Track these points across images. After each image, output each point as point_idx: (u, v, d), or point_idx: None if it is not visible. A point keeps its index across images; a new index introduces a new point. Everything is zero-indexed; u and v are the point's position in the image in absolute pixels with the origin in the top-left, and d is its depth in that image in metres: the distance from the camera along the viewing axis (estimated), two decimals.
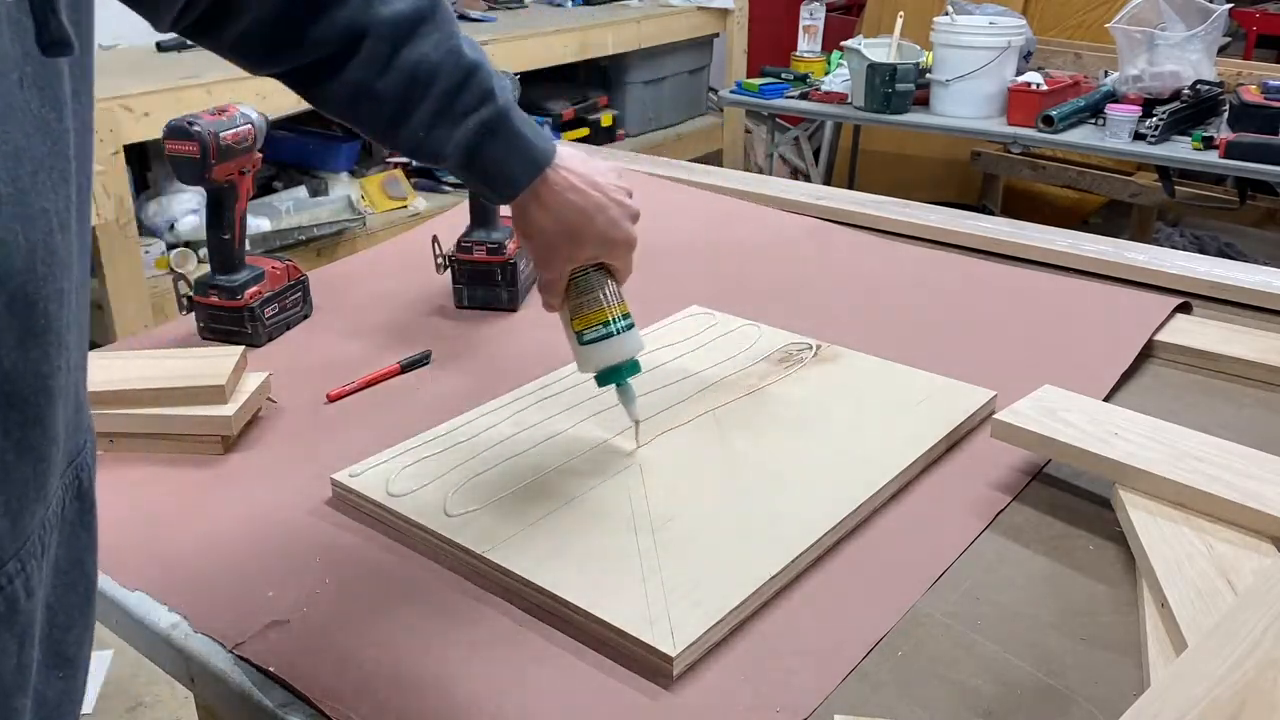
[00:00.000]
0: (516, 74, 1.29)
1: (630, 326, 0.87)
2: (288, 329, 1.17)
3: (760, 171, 3.78)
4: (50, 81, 0.41)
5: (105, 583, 0.77)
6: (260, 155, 1.13)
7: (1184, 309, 1.18)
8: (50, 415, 0.43)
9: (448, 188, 3.16)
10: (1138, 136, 2.58)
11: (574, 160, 0.82)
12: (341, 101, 0.77)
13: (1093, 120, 2.71)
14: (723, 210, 1.53)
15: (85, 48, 0.46)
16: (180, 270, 1.23)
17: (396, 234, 1.48)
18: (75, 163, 0.44)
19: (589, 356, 0.86)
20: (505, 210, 1.23)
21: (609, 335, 0.85)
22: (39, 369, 0.41)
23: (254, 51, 0.76)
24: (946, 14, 2.84)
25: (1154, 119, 2.55)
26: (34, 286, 0.40)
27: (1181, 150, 2.54)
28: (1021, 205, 3.84)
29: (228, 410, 0.92)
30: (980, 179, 3.87)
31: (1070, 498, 0.85)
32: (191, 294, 1.15)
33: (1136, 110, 2.59)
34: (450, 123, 0.76)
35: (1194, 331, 1.11)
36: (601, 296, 0.85)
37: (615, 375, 0.87)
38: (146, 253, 2.48)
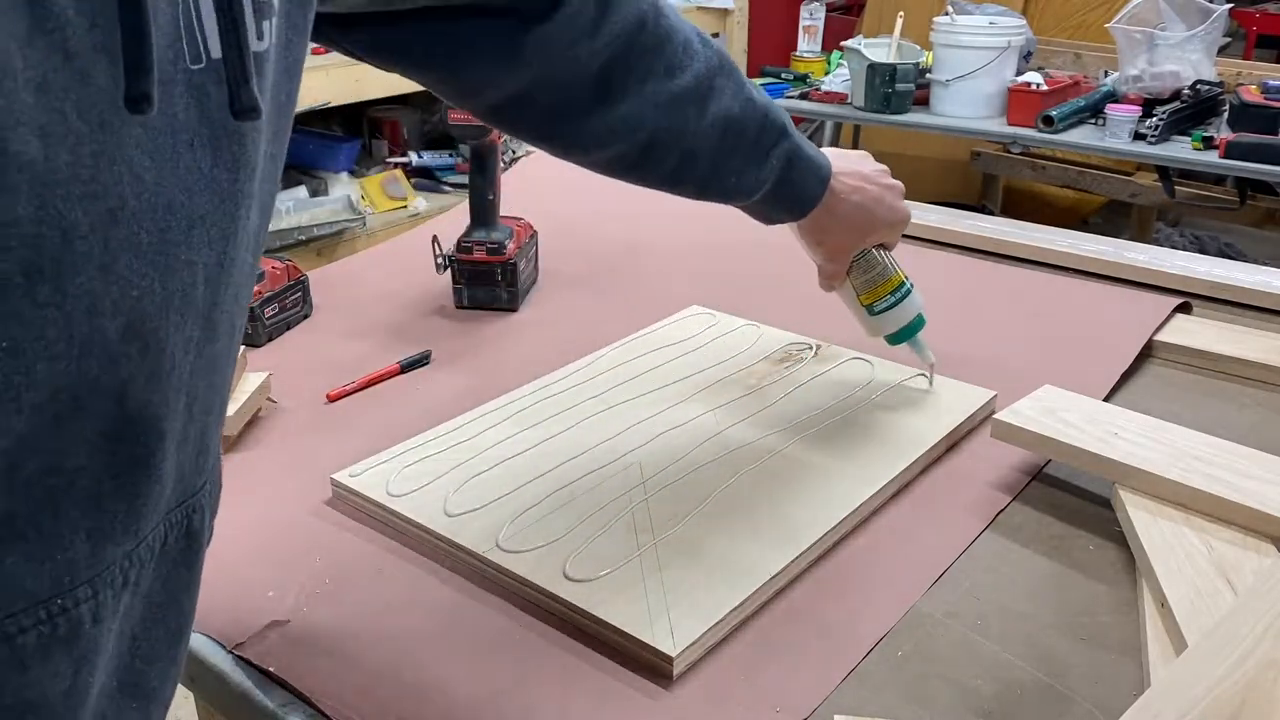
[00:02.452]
0: None
1: (909, 291, 0.95)
2: (288, 329, 1.17)
3: None
4: (229, 144, 0.42)
5: None
6: None
7: (1184, 309, 1.18)
8: (159, 457, 0.43)
9: (448, 188, 3.16)
10: (1138, 136, 2.58)
11: (843, 162, 0.88)
12: (668, 172, 0.81)
13: (1093, 120, 2.71)
14: (723, 210, 1.52)
15: (283, 123, 0.49)
16: None
17: (396, 234, 1.49)
18: (244, 222, 0.45)
19: (884, 323, 0.95)
20: (505, 210, 1.23)
21: (897, 302, 0.94)
22: (156, 411, 0.42)
23: (565, 140, 0.78)
24: (946, 14, 2.83)
25: (1154, 119, 2.54)
26: (165, 333, 0.41)
27: (1181, 150, 2.54)
28: (1021, 205, 3.84)
29: (228, 410, 0.92)
30: (980, 179, 3.87)
31: (1070, 498, 0.85)
32: None
33: (1136, 110, 2.59)
34: (758, 163, 0.81)
35: (1194, 331, 1.11)
36: (884, 270, 0.93)
37: (907, 333, 0.96)
38: None
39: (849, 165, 0.89)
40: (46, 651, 0.41)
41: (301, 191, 2.88)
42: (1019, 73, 2.81)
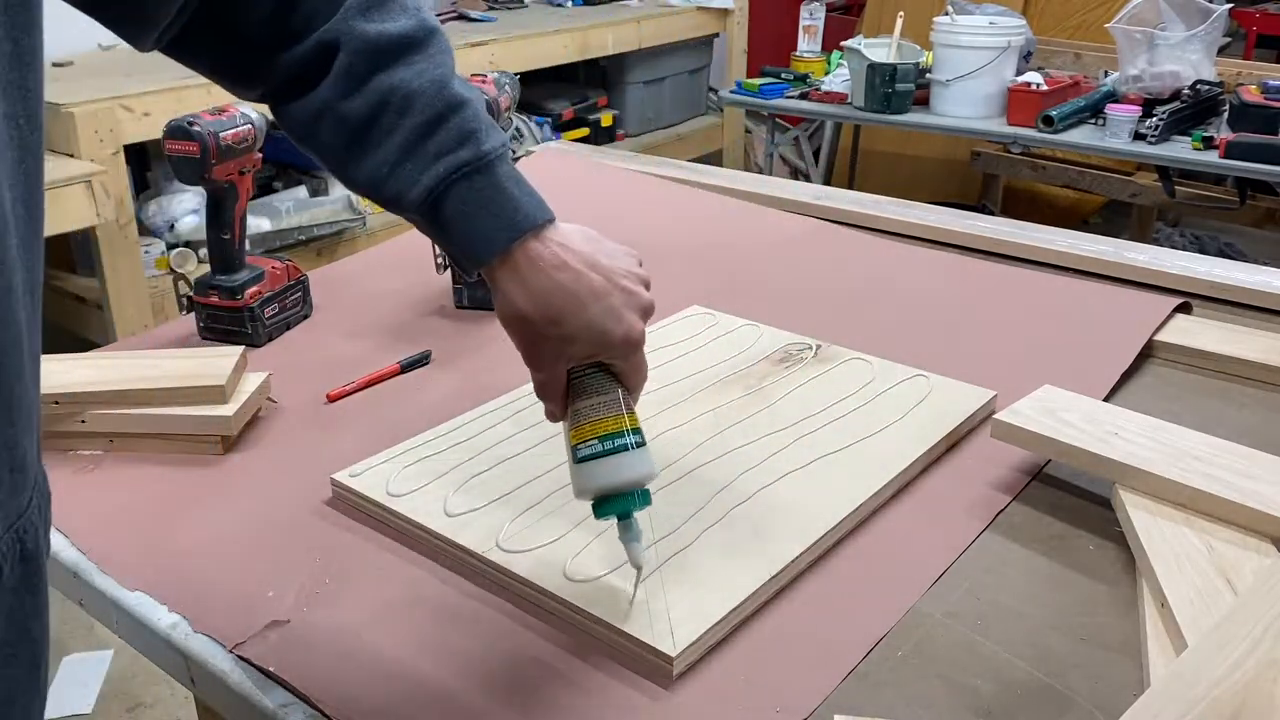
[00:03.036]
0: (517, 74, 1.29)
1: (640, 445, 0.69)
2: (288, 329, 1.17)
3: (760, 171, 3.78)
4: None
5: (105, 583, 0.77)
6: (260, 155, 1.13)
7: (1184, 309, 1.18)
8: None
9: None
10: (1138, 136, 2.58)
11: (574, 236, 0.69)
12: (303, 120, 0.67)
13: (1093, 120, 2.72)
14: (723, 210, 1.53)
15: (20, 65, 0.44)
16: (180, 270, 1.23)
17: (396, 234, 1.48)
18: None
19: (584, 477, 0.69)
20: None
21: (609, 452, 0.68)
22: None
23: (233, 70, 0.68)
24: (946, 14, 2.84)
25: (1154, 119, 2.55)
26: None
27: (1181, 150, 2.54)
28: (1021, 205, 3.84)
29: (228, 410, 0.92)
30: (980, 179, 3.87)
31: (1070, 498, 0.85)
32: (191, 294, 1.15)
33: (1136, 110, 2.59)
34: (420, 161, 0.65)
35: (1194, 331, 1.11)
36: (603, 404, 0.69)
37: (618, 505, 0.68)
38: (146, 253, 2.48)
39: (582, 244, 0.69)
40: None
41: (301, 191, 2.89)
42: (1019, 73, 2.81)
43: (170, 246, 2.52)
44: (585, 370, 0.69)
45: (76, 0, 0.60)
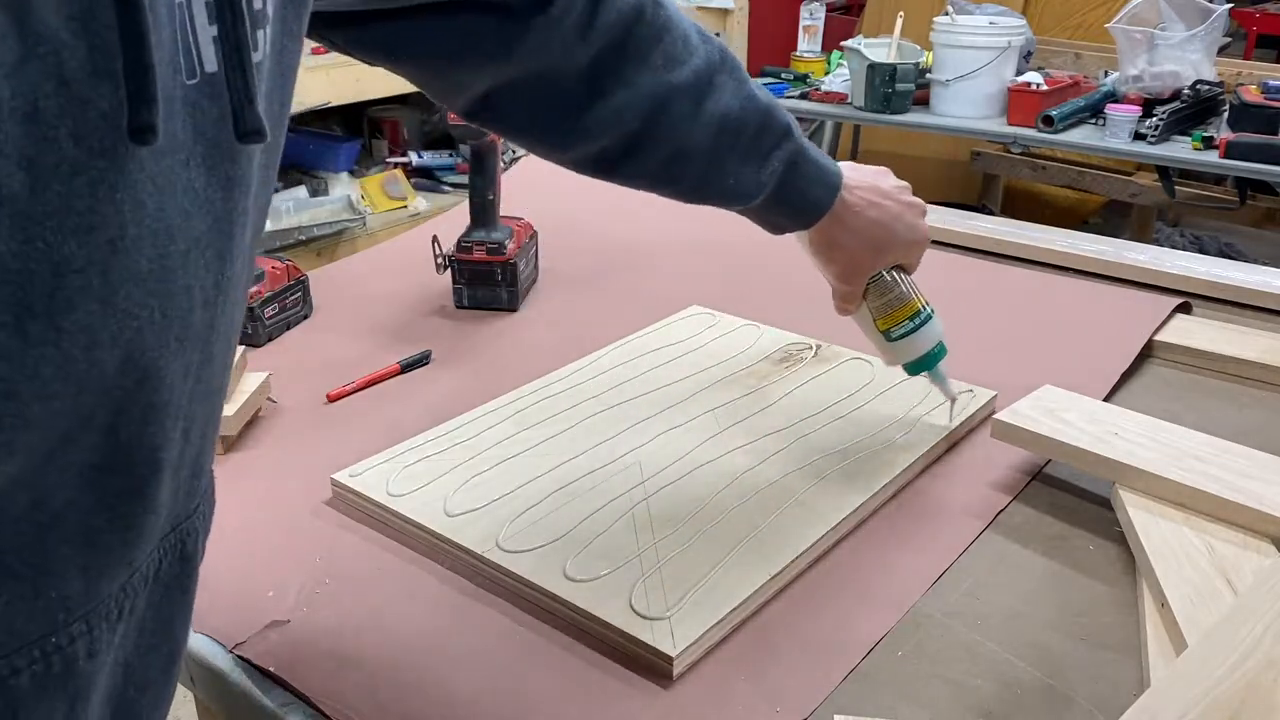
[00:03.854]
0: None
1: (930, 316, 0.89)
2: (288, 329, 1.17)
3: None
4: (222, 162, 0.40)
5: None
6: None
7: (1184, 309, 1.18)
8: (154, 487, 0.42)
9: (448, 188, 3.16)
10: (1138, 136, 2.58)
11: (858, 175, 0.84)
12: (656, 169, 0.77)
13: (1093, 120, 2.71)
14: (723, 210, 1.52)
15: (278, 133, 0.46)
16: None
17: (396, 234, 1.49)
18: (240, 241, 0.43)
19: (901, 350, 0.89)
20: (505, 210, 1.23)
21: (916, 329, 0.88)
22: (152, 442, 0.41)
23: (550, 135, 0.75)
24: (946, 14, 2.83)
25: (1154, 119, 2.55)
26: (165, 362, 0.39)
27: (1181, 150, 2.54)
28: (1021, 205, 3.84)
29: (228, 410, 0.92)
30: (980, 179, 3.87)
31: (1070, 498, 0.85)
32: None
33: (1136, 110, 2.59)
34: (758, 164, 0.77)
35: (1194, 331, 1.11)
36: (902, 293, 0.87)
37: (926, 363, 0.89)
38: None
39: (865, 179, 0.84)
40: (41, 691, 0.40)
41: (301, 191, 2.88)
42: (1019, 73, 2.81)
43: None
44: (878, 272, 0.87)
45: (402, 73, 0.70)
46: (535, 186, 1.55)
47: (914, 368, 0.90)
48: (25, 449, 0.35)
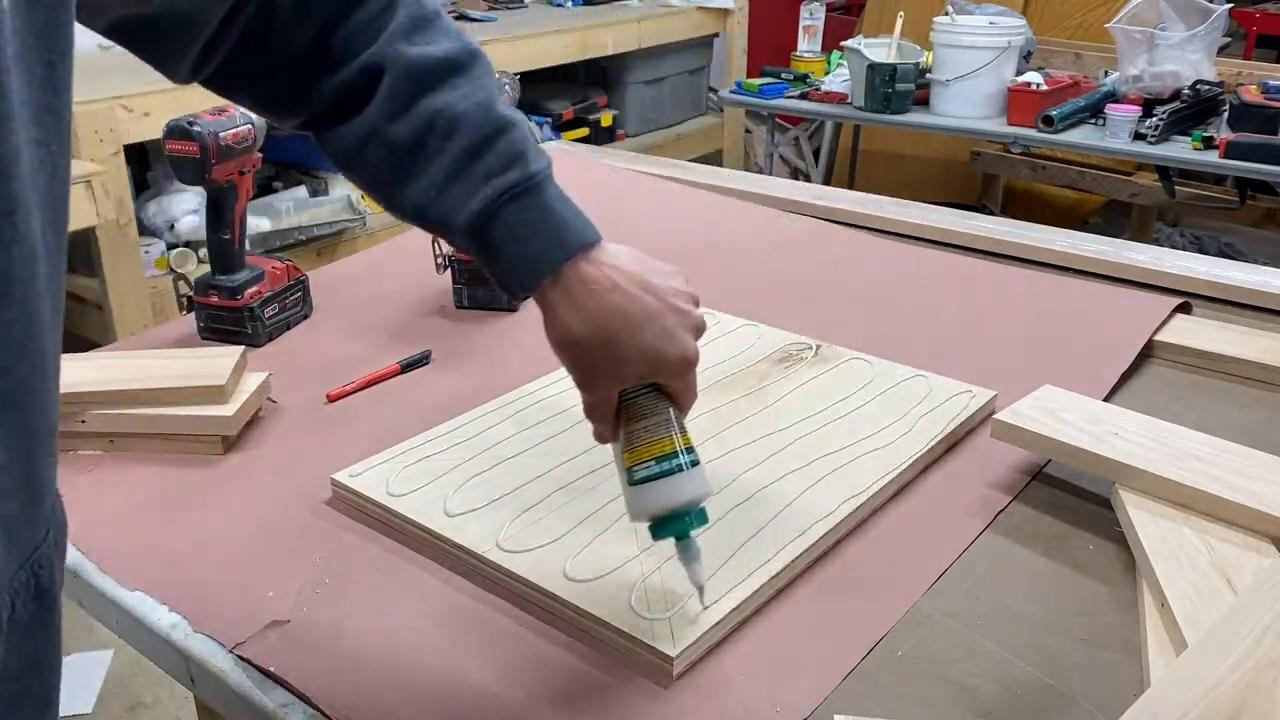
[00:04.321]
0: (517, 74, 1.29)
1: (695, 464, 0.68)
2: (288, 329, 1.17)
3: (760, 171, 3.78)
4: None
5: (105, 583, 0.77)
6: (260, 155, 1.13)
7: (1184, 309, 1.18)
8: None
9: None
10: (1138, 136, 2.58)
11: (622, 256, 0.68)
12: (349, 146, 0.67)
13: (1093, 120, 2.72)
14: (723, 210, 1.53)
15: (52, 90, 0.43)
16: (180, 270, 1.23)
17: (396, 234, 1.48)
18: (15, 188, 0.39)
19: (642, 499, 0.68)
20: None
21: (666, 473, 0.67)
22: None
23: (276, 99, 0.69)
24: (946, 14, 2.84)
25: (1154, 119, 2.55)
26: None
27: (1181, 150, 2.54)
28: (1021, 205, 3.84)
29: (228, 410, 0.92)
30: (980, 179, 3.87)
31: (1070, 498, 0.85)
32: (191, 294, 1.15)
33: (1136, 110, 2.59)
34: (468, 184, 0.64)
35: (1194, 331, 1.11)
36: (657, 424, 0.68)
37: (676, 526, 0.68)
38: (146, 253, 2.48)
39: (631, 264, 0.67)
40: None
41: (301, 191, 2.89)
42: (1019, 73, 2.81)
43: (170, 246, 2.52)
44: (637, 391, 0.68)
45: (109, 31, 0.60)
46: None
47: (659, 530, 0.68)
48: None
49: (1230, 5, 2.77)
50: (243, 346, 1.02)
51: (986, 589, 0.75)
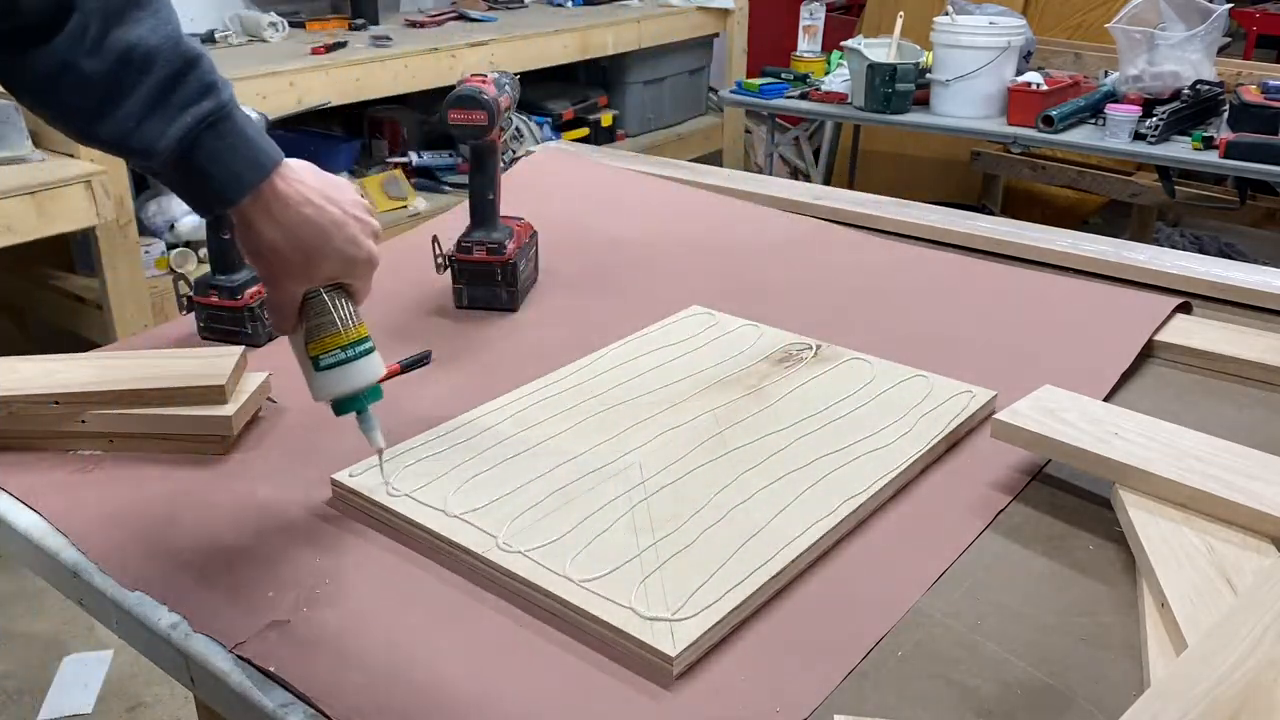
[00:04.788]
0: (517, 74, 1.29)
1: (370, 350, 0.80)
2: None
3: (760, 171, 3.78)
4: None
5: (105, 583, 0.77)
6: None
7: (1184, 309, 1.18)
8: None
9: (448, 188, 3.16)
10: (1138, 136, 2.58)
11: (307, 172, 0.77)
12: (43, 78, 0.68)
13: (1093, 120, 2.72)
14: (723, 210, 1.53)
15: None
16: (180, 270, 1.23)
17: (396, 234, 1.48)
18: None
19: (327, 382, 0.79)
20: (505, 210, 1.22)
21: (348, 360, 0.79)
22: None
23: None
24: (946, 14, 2.84)
25: (1154, 119, 2.55)
26: None
27: (1181, 150, 2.54)
28: (1021, 205, 3.84)
29: (228, 410, 0.92)
30: (980, 179, 3.87)
31: (1070, 498, 0.85)
32: (191, 294, 1.15)
33: (1136, 110, 2.59)
34: (166, 115, 0.69)
35: (1194, 331, 1.11)
36: (338, 319, 0.79)
37: (355, 403, 0.81)
38: (146, 253, 2.48)
39: (315, 179, 0.77)
40: None
41: None
42: (1019, 73, 2.81)
43: (170, 246, 2.52)
44: (318, 290, 0.78)
45: None
46: (535, 186, 1.55)
47: (342, 405, 0.81)
48: None
49: (1230, 5, 2.77)
50: (243, 346, 1.02)
51: (986, 589, 0.75)
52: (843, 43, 3.04)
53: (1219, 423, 0.93)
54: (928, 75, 2.87)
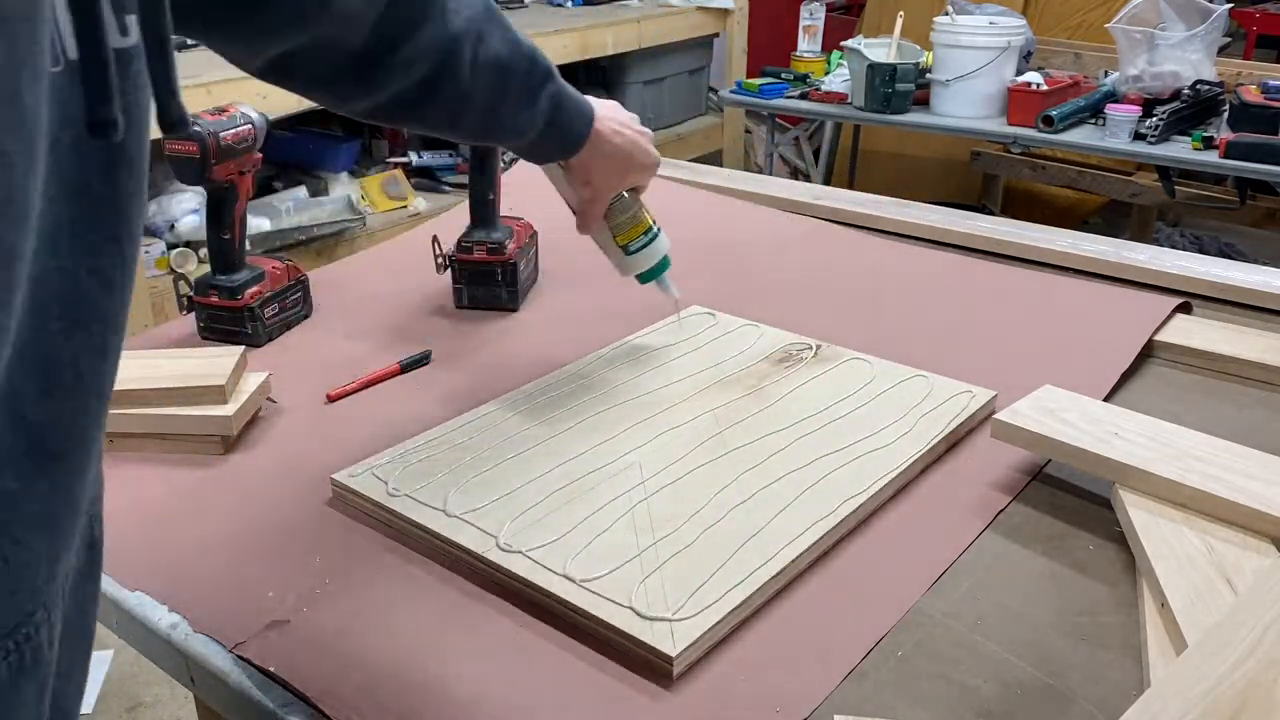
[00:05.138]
0: None
1: (659, 233, 1.03)
2: (288, 329, 1.17)
3: (760, 171, 3.78)
4: (96, 147, 0.40)
5: (106, 583, 0.77)
6: (260, 155, 1.13)
7: (1184, 309, 1.18)
8: (87, 467, 0.43)
9: (448, 188, 3.16)
10: (1138, 136, 2.58)
11: (602, 108, 0.95)
12: (443, 117, 0.84)
13: (1093, 120, 2.72)
14: (723, 210, 1.53)
15: (142, 121, 0.46)
16: (180, 270, 1.23)
17: (396, 234, 1.49)
18: (126, 224, 0.44)
19: (636, 262, 1.03)
20: (505, 210, 1.23)
21: (649, 243, 1.02)
22: (83, 421, 0.42)
23: (344, 86, 0.79)
24: (946, 14, 2.84)
25: (1154, 119, 2.55)
26: (58, 343, 0.40)
27: (1181, 150, 2.54)
28: (1021, 205, 3.84)
29: (228, 410, 0.92)
30: (980, 179, 3.87)
31: (1070, 498, 0.85)
32: (191, 294, 1.15)
33: (1136, 110, 2.59)
34: (532, 105, 0.86)
35: (1194, 331, 1.11)
36: (637, 213, 1.01)
37: (656, 272, 1.04)
38: (146, 253, 2.48)
39: (608, 111, 0.95)
40: (17, 681, 0.40)
41: (301, 191, 2.88)
42: (1019, 73, 2.81)
43: (170, 246, 2.52)
44: (618, 195, 1.00)
45: (192, 30, 0.67)
46: (535, 186, 1.54)
47: (646, 277, 1.05)
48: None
49: (1230, 5, 2.77)
50: (243, 346, 1.02)
51: (986, 589, 0.75)
52: (843, 43, 3.04)
53: (1219, 423, 0.93)
54: (928, 75, 2.87)
